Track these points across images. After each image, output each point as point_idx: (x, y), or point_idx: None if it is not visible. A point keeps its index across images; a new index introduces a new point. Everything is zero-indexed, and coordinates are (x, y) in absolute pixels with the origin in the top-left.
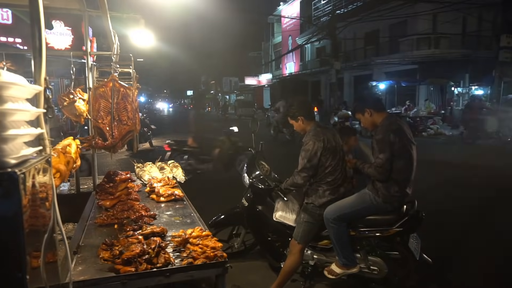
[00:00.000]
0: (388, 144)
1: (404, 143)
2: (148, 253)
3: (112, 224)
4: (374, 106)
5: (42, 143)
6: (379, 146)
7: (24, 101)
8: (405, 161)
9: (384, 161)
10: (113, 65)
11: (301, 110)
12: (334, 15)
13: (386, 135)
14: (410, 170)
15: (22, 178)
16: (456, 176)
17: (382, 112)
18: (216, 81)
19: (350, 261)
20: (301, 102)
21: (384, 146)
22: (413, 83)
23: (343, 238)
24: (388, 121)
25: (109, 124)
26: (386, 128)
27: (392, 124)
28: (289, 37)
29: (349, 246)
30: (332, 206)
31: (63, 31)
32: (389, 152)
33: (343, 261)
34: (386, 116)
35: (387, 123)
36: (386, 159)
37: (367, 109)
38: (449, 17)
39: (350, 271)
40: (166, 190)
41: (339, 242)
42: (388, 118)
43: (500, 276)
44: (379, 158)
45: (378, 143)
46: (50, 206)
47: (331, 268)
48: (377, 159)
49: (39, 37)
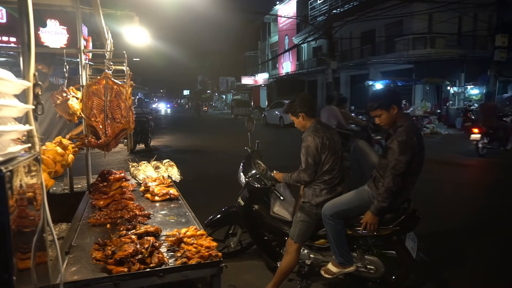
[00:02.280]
0: (411, 147)
1: (422, 147)
2: (141, 253)
3: (105, 224)
4: (399, 103)
5: (31, 140)
6: (401, 148)
7: (11, 97)
8: (418, 164)
9: (404, 164)
10: (107, 62)
11: (302, 106)
12: (331, 15)
13: (409, 137)
14: (418, 173)
15: (9, 176)
16: (454, 175)
17: (402, 110)
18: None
19: (346, 260)
20: (303, 98)
21: (407, 148)
22: (409, 83)
23: (340, 236)
24: (409, 122)
25: (102, 122)
26: (409, 129)
27: (414, 126)
28: (286, 36)
29: (346, 245)
30: (330, 202)
31: (58, 30)
32: (410, 155)
33: (339, 259)
34: (405, 116)
35: (408, 124)
36: (406, 162)
37: (394, 105)
38: (445, 17)
39: (346, 270)
40: (161, 189)
41: (336, 240)
42: (408, 118)
43: (496, 275)
44: (398, 160)
45: (400, 145)
46: (40, 206)
47: (328, 267)
48: (396, 161)
49: (28, 32)
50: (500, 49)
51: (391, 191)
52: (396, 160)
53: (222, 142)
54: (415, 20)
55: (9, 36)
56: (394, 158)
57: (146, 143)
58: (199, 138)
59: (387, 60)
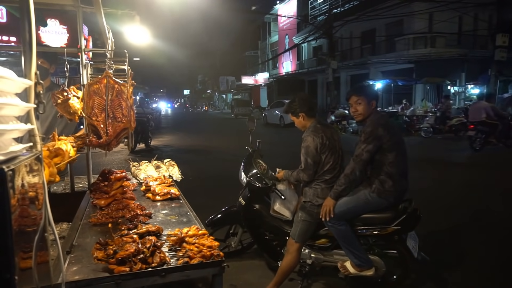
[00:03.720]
0: (376, 137)
1: (392, 136)
2: (143, 252)
3: (107, 223)
4: (377, 102)
5: (33, 139)
6: (365, 137)
7: (12, 96)
8: (395, 154)
9: (366, 152)
10: (108, 61)
11: (302, 106)
12: (331, 14)
13: (374, 128)
14: (401, 163)
15: (11, 175)
16: (455, 174)
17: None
18: (213, 80)
19: (363, 262)
20: (303, 98)
21: (371, 138)
22: (410, 82)
23: (347, 237)
24: (378, 115)
25: (103, 121)
26: (375, 121)
27: (381, 119)
28: (286, 36)
29: (357, 245)
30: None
31: (58, 30)
32: (373, 144)
33: (355, 261)
34: (376, 112)
35: (375, 117)
36: (368, 150)
37: (374, 101)
38: (445, 16)
39: (364, 273)
40: (162, 189)
41: (345, 242)
42: (377, 113)
43: (498, 275)
44: (361, 148)
45: (364, 135)
46: (41, 205)
47: (345, 264)
48: (359, 149)
49: (29, 31)
50: (501, 49)
51: (348, 178)
52: (359, 149)
53: (223, 141)
54: (415, 19)
55: (10, 35)
56: (359, 146)
57: (147, 142)
58: (199, 138)
59: (387, 60)
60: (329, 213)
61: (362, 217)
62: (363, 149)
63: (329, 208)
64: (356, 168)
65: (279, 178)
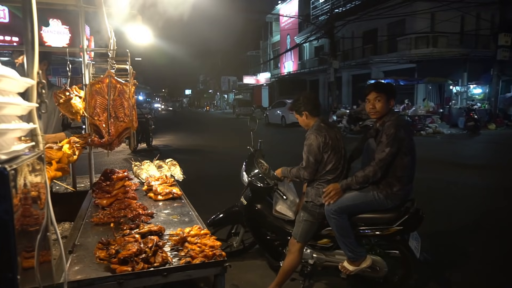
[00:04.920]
0: (398, 139)
1: (410, 140)
2: (145, 252)
3: (109, 223)
4: (394, 101)
5: (35, 139)
6: (389, 140)
7: (15, 95)
8: (410, 158)
9: (390, 155)
10: (110, 61)
11: (306, 105)
12: (332, 14)
13: (397, 130)
14: (412, 168)
15: (13, 174)
16: (456, 174)
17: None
18: (214, 80)
19: (357, 254)
20: (307, 97)
21: (394, 141)
22: (412, 82)
23: (344, 230)
24: (396, 116)
25: (105, 121)
26: (396, 123)
27: (401, 120)
28: (288, 36)
29: (352, 238)
30: None
31: (60, 30)
32: (396, 147)
33: (350, 255)
34: (393, 112)
35: (395, 118)
36: (391, 153)
37: (393, 99)
38: (447, 16)
39: (362, 266)
40: (164, 189)
41: (342, 235)
42: (394, 114)
43: (500, 275)
44: (385, 152)
45: (388, 137)
46: (44, 204)
47: (344, 265)
48: (383, 153)
49: (32, 30)
50: (503, 48)
51: (367, 179)
52: (383, 152)
53: (224, 141)
54: (417, 19)
55: (12, 35)
56: (382, 149)
57: (148, 142)
58: (201, 138)
59: (389, 60)
60: (333, 198)
61: (364, 217)
62: (387, 153)
63: (334, 194)
64: (378, 172)
65: (278, 175)
